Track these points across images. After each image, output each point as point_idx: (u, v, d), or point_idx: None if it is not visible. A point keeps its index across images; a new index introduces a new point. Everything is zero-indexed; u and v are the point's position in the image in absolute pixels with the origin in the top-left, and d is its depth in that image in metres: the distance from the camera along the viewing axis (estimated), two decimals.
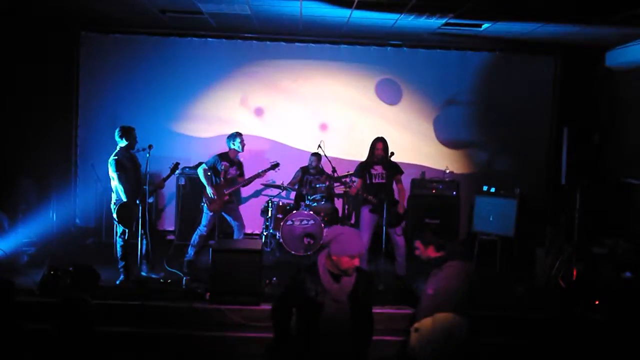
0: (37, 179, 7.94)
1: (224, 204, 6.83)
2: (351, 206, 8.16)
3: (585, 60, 8.41)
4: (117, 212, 6.04)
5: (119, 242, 6.19)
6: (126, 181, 6.04)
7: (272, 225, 7.66)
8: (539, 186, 8.71)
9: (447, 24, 7.07)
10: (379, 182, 6.48)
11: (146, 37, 8.42)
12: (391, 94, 8.71)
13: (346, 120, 8.70)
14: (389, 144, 6.49)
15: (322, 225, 7.32)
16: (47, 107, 8.21)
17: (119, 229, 6.16)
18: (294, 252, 7.31)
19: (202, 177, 6.82)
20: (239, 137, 6.92)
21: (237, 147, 6.90)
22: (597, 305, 5.71)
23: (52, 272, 5.72)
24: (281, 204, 7.77)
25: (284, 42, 8.55)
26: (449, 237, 7.87)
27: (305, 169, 8.03)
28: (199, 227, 6.85)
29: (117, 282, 6.17)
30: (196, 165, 7.78)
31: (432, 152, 8.73)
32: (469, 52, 8.62)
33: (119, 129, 6.18)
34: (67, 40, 8.33)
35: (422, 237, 4.13)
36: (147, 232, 6.28)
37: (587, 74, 8.43)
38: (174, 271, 6.54)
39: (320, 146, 7.51)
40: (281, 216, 7.54)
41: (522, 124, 8.71)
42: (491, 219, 7.64)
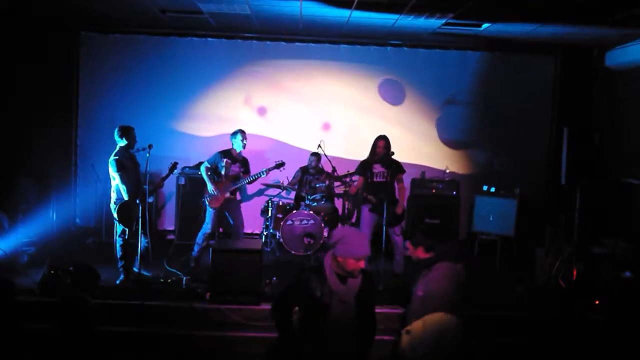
0: (37, 178, 7.93)
1: (225, 201, 6.83)
2: (352, 205, 8.16)
3: (585, 60, 8.41)
4: (118, 212, 6.04)
5: (118, 241, 6.19)
6: (127, 181, 6.05)
7: (272, 225, 7.66)
8: (539, 186, 8.71)
9: (447, 24, 7.07)
10: (380, 180, 6.47)
11: (146, 37, 8.43)
12: (394, 94, 8.71)
13: (349, 120, 8.70)
14: (390, 144, 6.49)
15: (322, 225, 7.31)
16: (47, 107, 8.21)
17: (119, 228, 6.16)
18: (294, 252, 7.31)
19: (203, 173, 6.82)
20: (240, 134, 6.88)
21: (237, 144, 6.89)
22: (597, 305, 5.71)
23: (52, 272, 5.72)
24: (281, 204, 7.77)
25: (284, 42, 8.55)
26: (448, 237, 7.93)
27: (304, 169, 8.03)
28: (204, 225, 6.84)
29: (117, 282, 6.17)
30: (196, 165, 7.80)
31: (432, 151, 8.73)
32: (469, 52, 8.62)
33: (118, 128, 6.18)
34: (67, 40, 8.33)
35: (412, 237, 4.13)
36: (147, 232, 6.28)
37: (587, 74, 8.43)
38: (173, 271, 6.55)
39: (320, 146, 7.51)
40: (281, 216, 7.54)
41: (522, 124, 8.71)
42: (491, 219, 7.65)
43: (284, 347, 3.44)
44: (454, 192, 8.20)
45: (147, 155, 6.01)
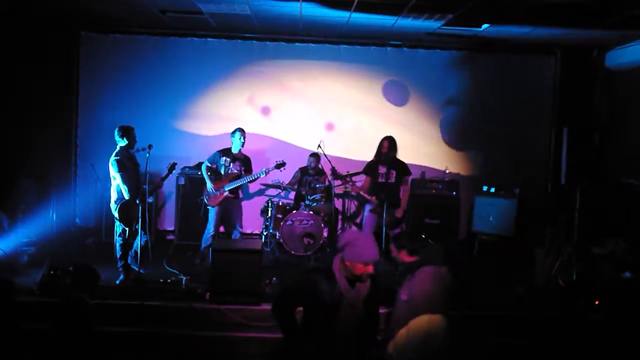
0: (37, 178, 7.93)
1: (225, 199, 6.85)
2: (357, 205, 8.18)
3: (585, 60, 8.41)
4: (119, 211, 6.04)
5: (118, 241, 6.19)
6: (128, 180, 6.05)
7: (272, 225, 7.66)
8: (539, 186, 8.70)
9: (446, 24, 7.07)
10: (384, 181, 6.46)
11: (146, 37, 8.42)
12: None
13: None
14: (396, 145, 6.46)
15: (322, 225, 7.31)
16: (47, 107, 8.20)
17: (119, 228, 6.16)
18: (293, 252, 7.31)
19: (204, 172, 6.92)
20: (238, 132, 6.92)
21: (235, 143, 6.91)
22: (597, 305, 5.70)
23: (52, 272, 5.71)
24: (281, 204, 7.77)
25: (284, 42, 8.55)
26: (448, 237, 7.93)
27: (304, 169, 8.02)
28: (207, 229, 6.95)
29: (117, 282, 6.17)
30: (196, 165, 7.81)
31: (432, 152, 8.72)
32: (469, 53, 8.61)
33: (118, 128, 6.18)
34: (67, 40, 8.33)
35: (396, 240, 4.11)
36: (147, 231, 6.28)
37: (587, 74, 8.43)
38: (173, 271, 6.54)
39: (319, 146, 7.51)
40: (281, 216, 7.54)
41: (522, 124, 8.70)
42: (491, 219, 7.65)
43: (287, 346, 3.41)
44: (454, 193, 8.20)
45: (147, 155, 6.01)
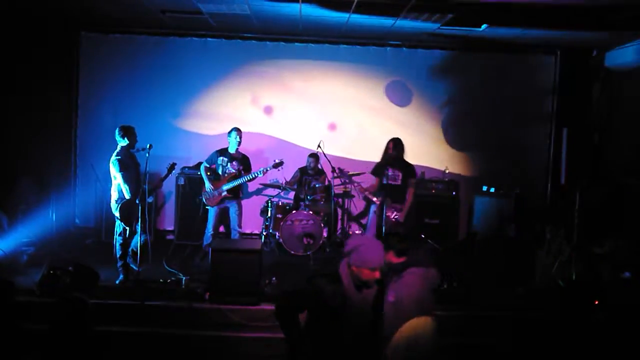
0: (36, 178, 7.93)
1: (223, 199, 6.89)
2: (365, 206, 8.20)
3: (585, 60, 8.41)
4: (120, 211, 6.05)
5: (118, 240, 6.19)
6: (129, 180, 6.06)
7: (272, 225, 7.66)
8: (539, 186, 8.71)
9: (446, 24, 7.08)
10: (391, 183, 6.45)
11: (146, 37, 8.42)
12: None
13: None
14: (402, 146, 6.44)
15: (322, 225, 7.31)
16: (46, 107, 8.20)
17: (119, 228, 6.17)
18: (293, 252, 7.31)
19: (202, 173, 6.98)
20: (234, 132, 6.97)
21: (231, 142, 6.96)
22: (596, 305, 5.70)
23: (52, 272, 5.71)
24: (281, 204, 7.77)
25: (284, 42, 8.55)
26: (447, 237, 7.94)
27: (304, 169, 8.02)
28: (206, 229, 7.01)
29: (117, 282, 6.16)
30: (196, 165, 7.81)
31: (432, 151, 8.72)
32: (469, 53, 8.61)
33: (119, 128, 6.17)
34: (67, 40, 8.33)
35: (385, 240, 4.10)
36: (147, 231, 6.28)
37: (587, 74, 8.43)
38: (173, 271, 6.54)
39: (319, 146, 7.51)
40: (281, 216, 7.54)
41: (522, 124, 8.71)
42: (491, 219, 7.64)
43: (291, 353, 3.32)
44: (454, 193, 8.21)
45: (147, 155, 6.01)
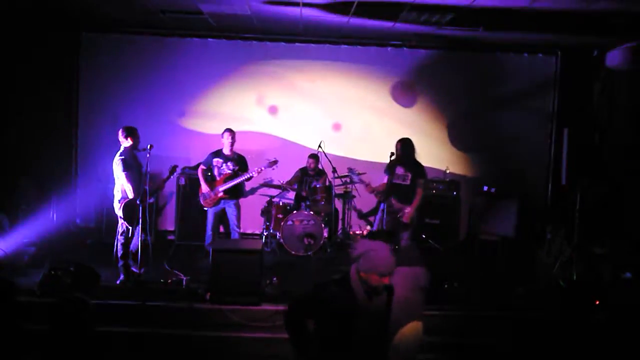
0: (37, 179, 7.93)
1: (219, 200, 6.95)
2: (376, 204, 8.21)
3: (585, 60, 8.40)
4: (123, 210, 6.07)
5: (120, 240, 6.20)
6: (132, 180, 6.08)
7: (273, 225, 7.66)
8: (539, 186, 8.71)
9: (446, 25, 7.09)
10: (398, 183, 6.44)
11: (147, 38, 8.42)
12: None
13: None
14: (410, 146, 6.43)
15: (322, 225, 7.31)
16: (47, 107, 8.20)
17: (121, 227, 6.18)
18: (294, 252, 7.32)
19: (199, 174, 7.08)
20: (226, 133, 7.02)
21: (224, 143, 7.02)
22: (597, 305, 5.70)
23: (53, 272, 5.70)
24: (281, 204, 7.77)
25: (284, 43, 8.55)
26: (448, 237, 7.94)
27: (304, 169, 8.02)
28: (206, 230, 7.07)
29: (118, 282, 6.17)
30: (196, 165, 7.81)
31: (433, 152, 8.70)
32: (470, 53, 8.61)
33: (123, 129, 6.19)
34: (67, 40, 8.33)
35: (372, 239, 4.06)
36: (148, 231, 6.29)
37: (587, 74, 8.43)
38: (174, 271, 6.53)
39: (320, 146, 7.51)
40: (281, 216, 7.54)
41: (522, 124, 8.70)
42: (491, 220, 7.64)
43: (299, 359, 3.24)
44: (454, 193, 8.20)
45: (148, 155, 6.02)
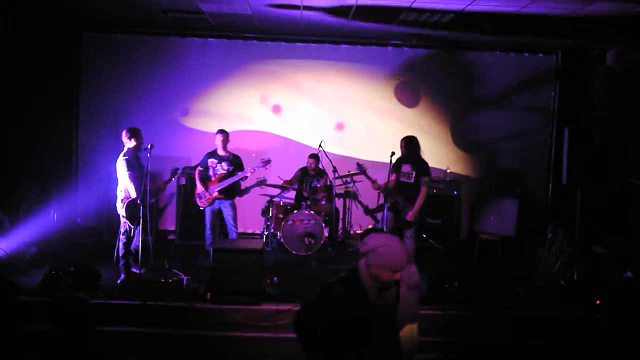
0: (38, 179, 7.94)
1: (214, 200, 7.04)
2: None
3: (586, 60, 8.40)
4: (126, 209, 6.11)
5: (122, 239, 6.24)
6: (136, 180, 6.13)
7: (273, 225, 7.66)
8: (540, 186, 8.71)
9: (443, 28, 7.13)
10: (404, 180, 6.45)
11: (147, 37, 8.42)
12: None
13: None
14: (414, 144, 6.43)
15: (323, 225, 7.31)
16: (48, 108, 8.20)
17: (123, 227, 6.22)
18: (294, 252, 7.31)
19: (196, 174, 7.19)
20: (217, 134, 7.08)
21: (217, 144, 7.07)
22: (598, 305, 5.70)
23: (53, 272, 5.72)
24: (282, 204, 7.77)
25: (285, 42, 8.54)
26: (449, 237, 7.93)
27: (305, 169, 8.01)
28: (206, 230, 7.16)
29: (118, 281, 6.17)
30: (196, 165, 7.82)
31: (434, 151, 8.69)
32: (470, 52, 8.61)
33: (127, 130, 6.27)
34: (68, 40, 8.33)
35: (363, 237, 4.05)
36: (148, 231, 6.30)
37: (588, 73, 8.42)
38: (174, 271, 6.54)
39: (320, 146, 7.51)
40: (282, 216, 7.54)
41: (523, 124, 8.70)
42: (492, 219, 7.64)
43: None
44: (455, 192, 8.20)
45: (148, 155, 6.05)
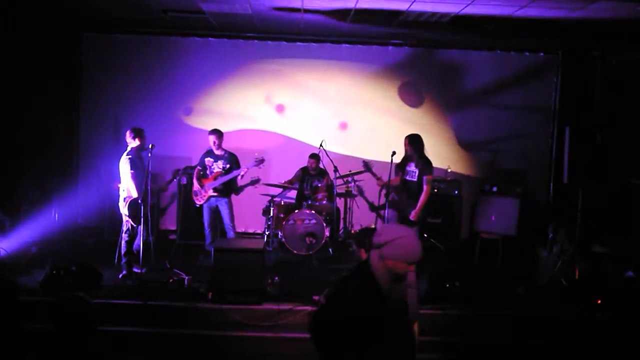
0: (39, 179, 7.94)
1: (210, 198, 7.13)
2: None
3: (586, 59, 8.39)
4: (129, 208, 6.17)
5: (124, 238, 6.30)
6: (139, 179, 6.17)
7: (274, 224, 7.66)
8: (541, 185, 8.70)
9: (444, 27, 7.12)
10: (409, 179, 6.46)
11: (148, 37, 8.42)
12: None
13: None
14: (417, 142, 6.44)
15: (324, 224, 7.31)
16: (48, 108, 8.19)
17: (125, 226, 6.27)
18: (296, 252, 7.31)
19: (194, 174, 7.30)
20: (209, 136, 7.12)
21: (211, 145, 7.15)
22: (599, 304, 5.70)
23: (54, 272, 5.72)
24: (283, 204, 7.77)
25: (285, 42, 8.55)
26: (450, 236, 7.93)
27: (305, 169, 8.01)
28: (205, 228, 7.25)
29: (120, 277, 6.23)
30: (196, 165, 7.84)
31: (435, 151, 8.67)
32: (471, 52, 8.60)
33: (130, 130, 6.36)
34: (68, 40, 8.33)
35: (356, 237, 4.03)
36: (149, 231, 6.32)
37: (589, 73, 8.42)
38: (175, 271, 6.54)
39: (321, 145, 7.51)
40: (283, 215, 7.54)
41: (524, 123, 8.69)
42: (493, 219, 7.64)
43: None
44: (456, 192, 8.20)
45: (149, 155, 6.07)
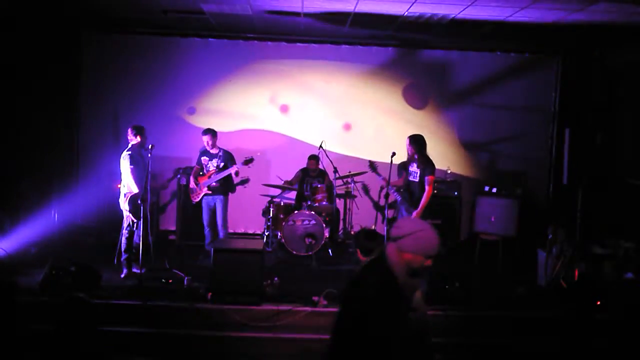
0: (39, 179, 7.94)
1: (205, 196, 7.23)
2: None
3: (587, 60, 8.39)
4: (130, 203, 6.21)
5: (124, 234, 6.34)
6: (139, 175, 6.22)
7: (274, 225, 7.66)
8: (541, 186, 8.70)
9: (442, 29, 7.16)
10: (412, 180, 6.47)
11: (148, 37, 8.42)
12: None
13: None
14: (419, 143, 6.44)
15: (324, 225, 7.31)
16: (48, 107, 8.19)
17: (126, 222, 6.31)
18: (295, 252, 7.32)
19: (192, 173, 7.37)
20: (203, 136, 7.17)
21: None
22: (598, 305, 5.70)
23: (54, 272, 5.71)
24: (282, 204, 7.77)
25: (285, 42, 8.55)
26: (450, 237, 7.93)
27: (305, 170, 8.01)
28: (204, 228, 7.31)
29: (122, 276, 6.27)
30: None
31: (435, 151, 8.68)
32: (471, 53, 8.61)
33: (132, 128, 6.47)
34: (68, 40, 8.32)
35: (354, 239, 4.03)
36: (149, 231, 6.33)
37: (588, 73, 8.42)
38: (175, 271, 6.54)
39: (321, 146, 7.50)
40: (282, 216, 7.54)
41: (524, 124, 8.69)
42: (493, 220, 7.64)
43: None
44: (455, 193, 8.19)
45: (149, 154, 6.08)
